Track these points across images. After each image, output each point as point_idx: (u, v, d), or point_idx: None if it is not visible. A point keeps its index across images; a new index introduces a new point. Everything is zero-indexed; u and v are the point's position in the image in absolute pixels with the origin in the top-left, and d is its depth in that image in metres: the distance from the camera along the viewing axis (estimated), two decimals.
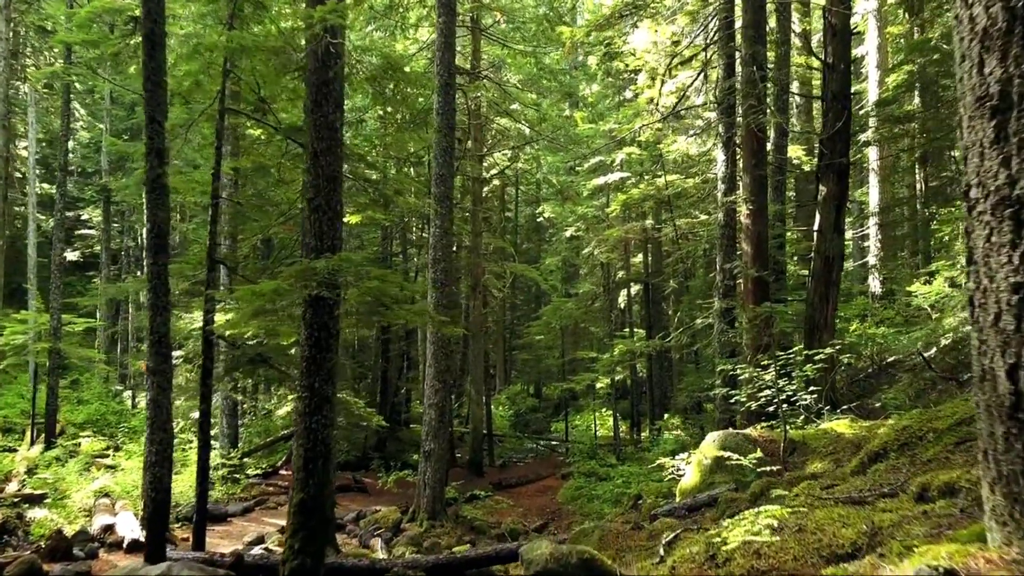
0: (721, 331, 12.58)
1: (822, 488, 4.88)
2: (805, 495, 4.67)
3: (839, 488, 4.64)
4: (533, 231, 45.07)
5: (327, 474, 6.67)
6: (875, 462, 5.42)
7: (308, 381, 6.68)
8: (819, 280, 12.02)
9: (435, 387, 13.94)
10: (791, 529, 3.67)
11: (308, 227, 6.85)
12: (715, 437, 8.50)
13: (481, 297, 21.75)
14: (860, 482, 4.69)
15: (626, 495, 15.63)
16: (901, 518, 3.14)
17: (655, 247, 25.44)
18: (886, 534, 3.01)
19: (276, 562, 7.48)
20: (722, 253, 12.97)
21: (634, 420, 26.79)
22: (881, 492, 4.09)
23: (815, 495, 4.61)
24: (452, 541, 13.21)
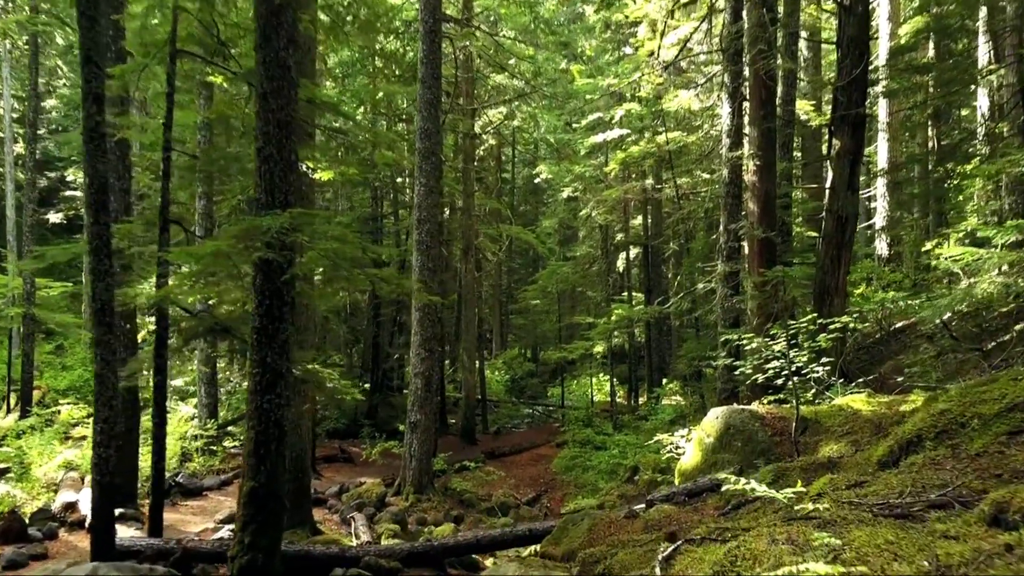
0: (724, 296, 11.78)
1: (848, 486, 4.11)
2: (830, 498, 3.90)
3: (871, 489, 3.87)
4: (531, 193, 44.09)
5: (281, 459, 5.93)
6: (908, 453, 4.65)
7: (260, 355, 5.89)
8: (830, 241, 11.18)
9: (421, 355, 13.20)
10: (818, 552, 2.91)
11: (258, 180, 6.00)
12: (718, 413, 7.76)
13: (474, 260, 20.91)
14: (896, 480, 3.91)
15: (622, 466, 15.01)
16: (975, 553, 2.37)
17: (655, 208, 24.52)
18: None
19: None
20: (726, 213, 12.10)
21: (632, 385, 26.17)
22: (929, 501, 3.32)
23: (842, 497, 3.84)
24: (439, 516, 12.60)
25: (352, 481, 14.80)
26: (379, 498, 12.72)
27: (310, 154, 9.49)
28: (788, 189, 15.49)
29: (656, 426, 15.52)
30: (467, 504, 13.72)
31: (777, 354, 7.52)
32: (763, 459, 7.12)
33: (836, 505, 3.66)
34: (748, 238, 11.56)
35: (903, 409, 6.82)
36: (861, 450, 6.03)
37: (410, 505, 12.84)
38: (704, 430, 7.81)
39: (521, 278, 38.98)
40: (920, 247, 20.25)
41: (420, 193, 13.25)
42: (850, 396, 7.80)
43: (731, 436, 7.42)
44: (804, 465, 5.84)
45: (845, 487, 4.12)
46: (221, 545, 7.07)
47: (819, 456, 6.45)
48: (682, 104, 17.51)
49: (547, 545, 6.63)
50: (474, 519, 12.95)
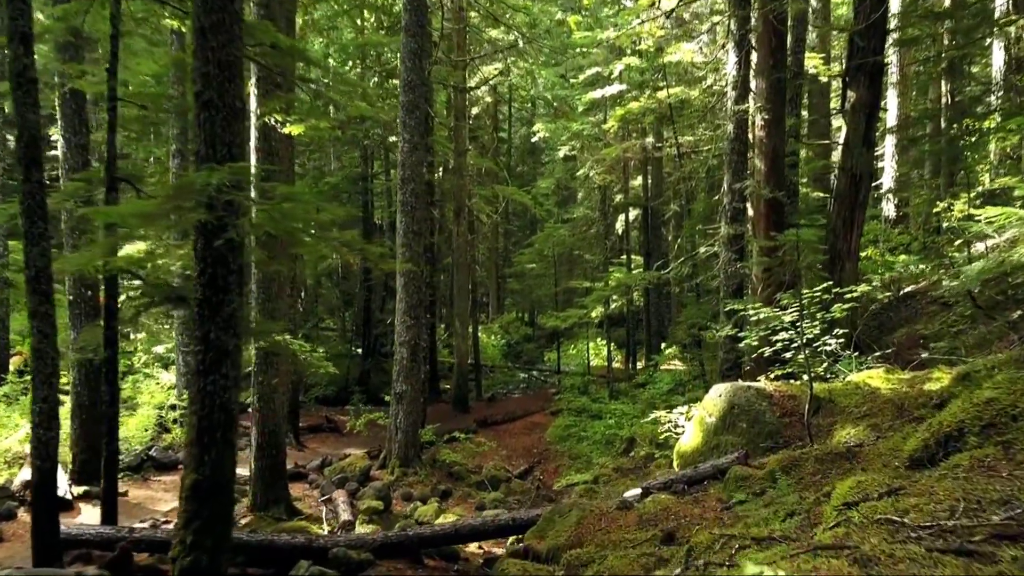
0: (728, 261, 11.03)
1: (881, 494, 3.42)
2: (860, 512, 3.21)
3: (912, 501, 3.17)
4: (528, 153, 43.03)
5: (230, 448, 5.25)
6: (948, 449, 3.97)
7: (202, 330, 5.17)
8: (843, 202, 10.41)
9: (406, 323, 12.50)
10: None
11: (197, 130, 5.22)
12: (721, 391, 7.07)
13: (466, 223, 20.10)
14: (941, 489, 3.22)
15: (618, 437, 14.44)
16: None
17: (656, 168, 23.63)
18: None
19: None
20: (731, 171, 11.28)
21: (629, 350, 25.57)
22: (993, 526, 2.62)
23: (876, 511, 3.15)
24: (426, 490, 12.04)
25: (337, 453, 14.23)
26: (363, 472, 12.13)
27: (278, 106, 8.65)
28: (795, 147, 14.64)
29: (654, 395, 14.91)
30: (456, 477, 13.15)
31: (786, 325, 6.82)
32: (770, 442, 6.46)
33: (871, 527, 2.97)
34: (754, 198, 10.77)
35: (928, 388, 6.14)
36: (884, 437, 5.35)
37: (396, 479, 12.27)
38: (705, 409, 7.14)
39: (519, 240, 38.14)
40: (931, 209, 19.46)
41: (404, 150, 12.41)
42: (866, 372, 7.12)
43: (735, 416, 6.75)
44: (820, 454, 5.17)
45: (877, 495, 3.43)
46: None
47: (835, 442, 5.78)
48: (684, 57, 16.55)
49: (532, 538, 6.00)
50: (463, 493, 12.39)
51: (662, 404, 14.38)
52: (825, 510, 3.70)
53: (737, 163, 11.16)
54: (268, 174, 9.40)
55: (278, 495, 9.68)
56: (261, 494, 9.59)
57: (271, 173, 9.43)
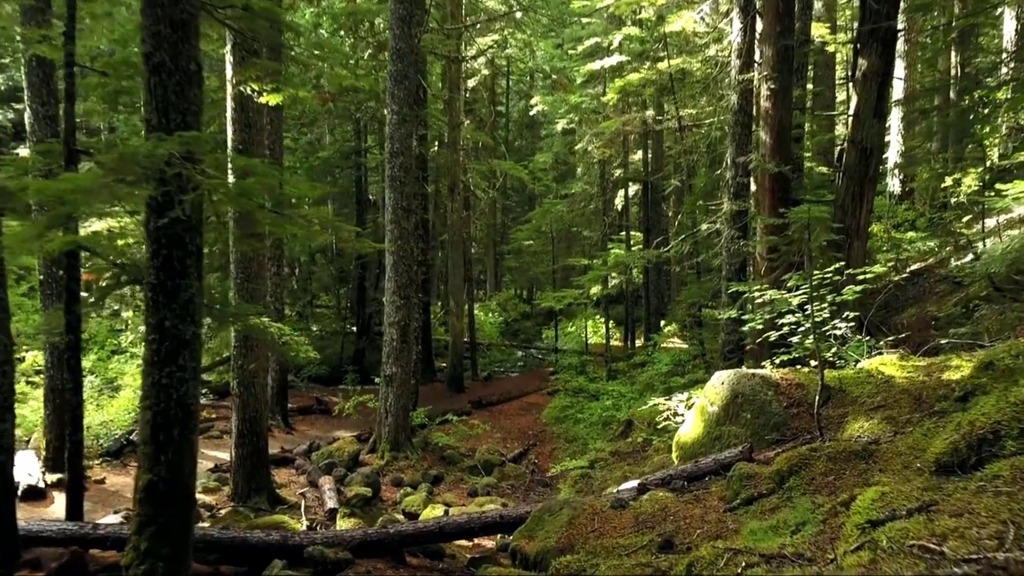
0: (730, 239, 10.55)
1: (911, 510, 2.98)
2: (889, 537, 2.77)
3: (951, 523, 2.73)
4: (526, 127, 42.37)
5: (188, 446, 4.81)
6: (981, 455, 3.52)
7: (156, 318, 4.71)
8: (852, 176, 9.91)
9: (396, 303, 12.05)
10: None
11: (147, 96, 4.71)
12: (724, 378, 6.63)
13: (461, 198, 19.56)
14: (982, 507, 2.77)
15: (616, 419, 14.06)
16: None
17: (656, 142, 23.03)
18: None
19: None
20: (734, 144, 10.75)
21: (628, 327, 25.18)
22: None
23: (908, 538, 2.71)
24: (416, 476, 11.68)
25: (326, 436, 13.86)
26: (352, 456, 11.75)
27: (253, 74, 8.11)
28: (800, 119, 14.08)
29: (652, 376, 14.51)
30: (448, 461, 12.79)
31: (794, 308, 6.37)
32: (776, 435, 6.03)
33: (903, 556, 2.53)
34: (759, 173, 10.26)
35: (948, 377, 5.69)
36: (902, 433, 4.92)
37: (385, 464, 11.90)
38: (707, 397, 6.70)
39: (517, 216, 37.57)
40: (939, 184, 18.92)
41: (393, 122, 11.86)
42: (879, 358, 6.67)
43: (739, 406, 6.31)
44: (832, 452, 4.73)
45: (906, 511, 2.99)
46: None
47: (848, 436, 5.35)
48: (686, 26, 15.90)
49: (520, 538, 5.59)
50: (455, 478, 12.04)
51: (661, 385, 14.00)
52: (845, 525, 3.26)
53: (741, 136, 10.63)
54: (245, 147, 8.90)
55: (260, 483, 9.29)
56: (242, 483, 9.20)
57: (248, 146, 8.93)
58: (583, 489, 10.87)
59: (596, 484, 10.67)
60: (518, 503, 10.80)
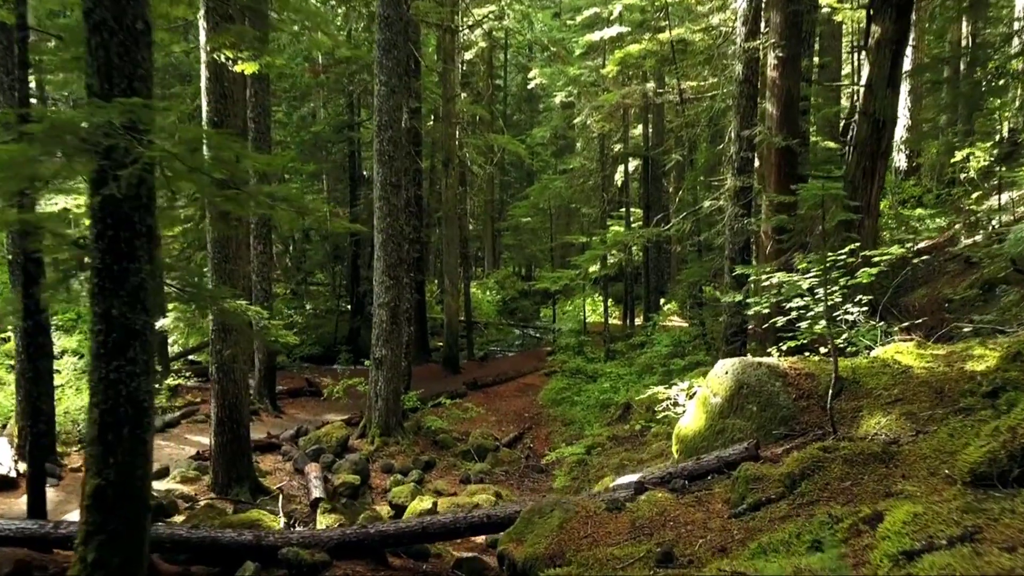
0: (734, 216, 10.05)
1: (952, 540, 2.55)
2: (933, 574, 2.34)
3: (1002, 561, 2.30)
4: (525, 101, 41.63)
5: (142, 446, 4.38)
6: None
7: (103, 306, 4.25)
8: (863, 150, 9.40)
9: (386, 284, 11.59)
10: None
11: (88, 58, 4.21)
12: (728, 367, 6.19)
13: (456, 174, 19.01)
14: None
15: (613, 403, 13.67)
16: None
17: (656, 115, 22.44)
18: None
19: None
20: (739, 117, 10.20)
21: (627, 305, 24.77)
22: None
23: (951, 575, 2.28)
24: (407, 462, 11.30)
25: (316, 420, 13.47)
26: (340, 442, 11.36)
27: (227, 41, 7.58)
28: (806, 91, 13.51)
29: (652, 358, 14.10)
30: (441, 446, 12.41)
31: (803, 291, 5.91)
32: (784, 429, 5.61)
33: None
34: (765, 147, 9.75)
35: (971, 368, 5.25)
36: (924, 432, 4.48)
37: (376, 449, 11.52)
38: (710, 387, 6.27)
39: (516, 192, 36.97)
40: (948, 159, 18.37)
41: (381, 94, 11.31)
42: (894, 345, 6.22)
43: (744, 397, 5.88)
44: (849, 454, 4.30)
45: (947, 540, 2.56)
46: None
47: (863, 433, 4.92)
48: None
49: (508, 541, 5.18)
50: (447, 464, 11.67)
51: (660, 368, 13.60)
52: (872, 552, 2.83)
53: (746, 108, 10.09)
54: (221, 119, 8.39)
55: (241, 473, 8.90)
56: (222, 473, 8.80)
57: (224, 118, 8.41)
58: (579, 476, 10.51)
59: (592, 472, 10.30)
60: (511, 491, 10.44)
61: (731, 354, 10.08)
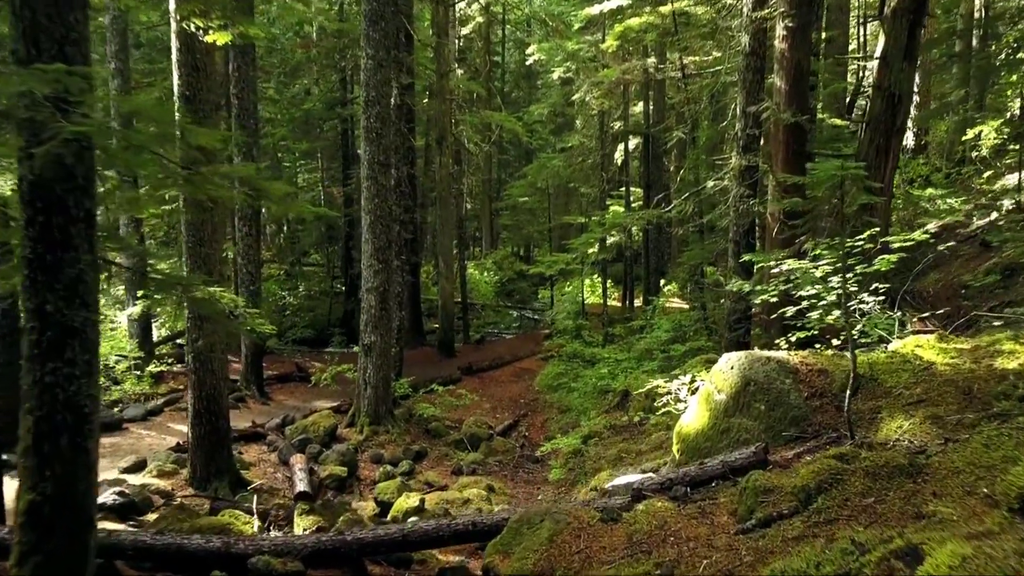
0: (739, 197, 9.55)
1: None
2: None
3: None
4: (523, 78, 40.90)
5: (83, 455, 3.93)
6: None
7: (35, 301, 3.78)
8: (877, 127, 8.89)
9: (374, 267, 11.12)
10: None
11: (12, 20, 3.71)
12: (733, 361, 5.74)
13: (451, 152, 18.44)
14: None
15: (612, 389, 13.25)
16: None
17: (657, 92, 21.81)
18: None
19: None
20: (745, 92, 9.66)
21: (627, 286, 24.32)
22: None
23: None
24: (397, 451, 10.90)
25: (305, 407, 13.06)
26: (328, 431, 10.96)
27: (196, 8, 7.04)
28: (815, 65, 12.93)
29: (651, 344, 13.65)
30: (433, 435, 12.01)
31: (816, 279, 5.45)
32: (795, 431, 5.16)
33: None
34: (772, 123, 9.22)
35: (1001, 365, 4.81)
36: (955, 440, 4.03)
37: (365, 439, 11.12)
38: (714, 383, 5.82)
39: (516, 171, 36.33)
40: (959, 137, 17.83)
41: (368, 67, 10.76)
42: (913, 338, 5.77)
43: (751, 395, 5.43)
44: (871, 467, 3.85)
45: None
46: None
47: (884, 439, 4.47)
48: None
49: (494, 553, 4.76)
50: (439, 454, 11.27)
51: (660, 353, 13.16)
52: None
53: (752, 82, 9.54)
54: (193, 94, 7.87)
55: (221, 467, 8.49)
56: (201, 467, 8.39)
57: (197, 93, 7.89)
58: (575, 468, 10.10)
59: (589, 463, 9.90)
60: (505, 483, 10.04)
61: (734, 341, 9.65)
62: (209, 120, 8.00)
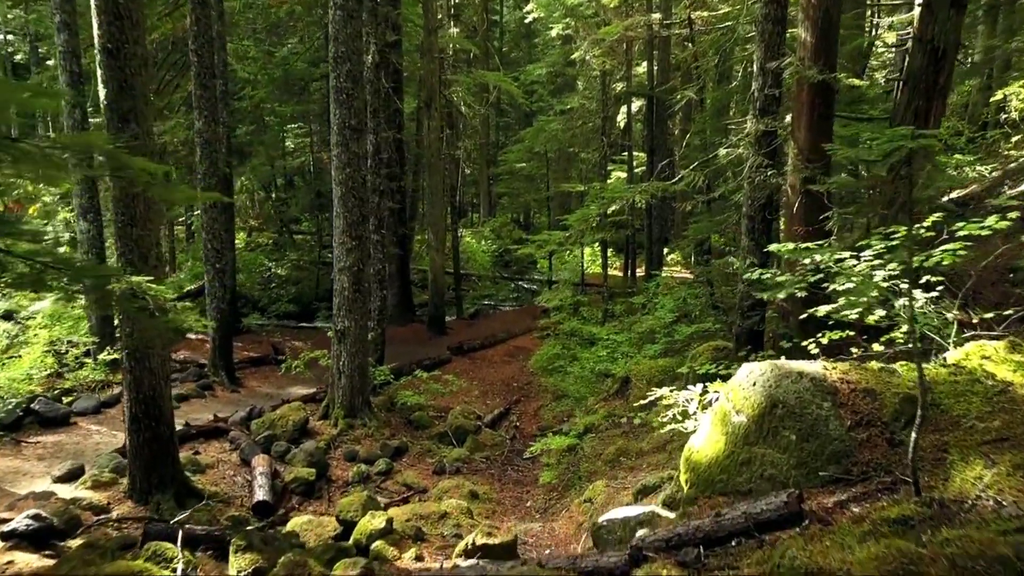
0: (756, 167, 8.38)
1: None
2: None
3: None
4: (522, 37, 39.28)
5: None
6: None
7: None
8: (916, 86, 7.68)
9: (346, 245, 10.01)
10: None
11: None
12: (756, 376, 4.66)
13: (439, 115, 17.16)
14: None
15: (611, 374, 12.23)
16: None
17: (662, 51, 20.40)
18: None
19: None
20: (763, 46, 8.42)
21: (629, 257, 23.18)
22: None
23: None
24: (374, 447, 9.94)
25: (278, 395, 12.08)
26: (299, 425, 9.97)
27: None
28: None
29: (653, 327, 12.58)
30: (416, 426, 11.04)
31: (855, 273, 4.36)
32: (836, 469, 4.11)
33: None
34: (796, 82, 8.02)
35: None
36: None
37: (339, 433, 10.14)
38: (731, 400, 4.75)
39: (517, 135, 34.95)
40: (986, 98, 16.56)
41: (336, 19, 9.53)
42: (976, 346, 4.67)
43: (778, 420, 4.37)
44: (958, 554, 2.79)
45: None
46: None
47: (957, 494, 3.40)
48: None
49: None
50: (420, 449, 10.28)
51: (663, 337, 12.09)
52: None
53: (772, 34, 8.29)
54: (116, 47, 6.69)
55: (165, 477, 7.49)
56: (141, 477, 7.39)
57: (121, 45, 6.71)
58: (569, 468, 9.11)
59: (584, 465, 8.90)
60: (491, 486, 9.07)
61: (747, 330, 8.56)
62: (138, 78, 6.83)
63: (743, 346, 8.35)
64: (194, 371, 12.48)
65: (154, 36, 16.48)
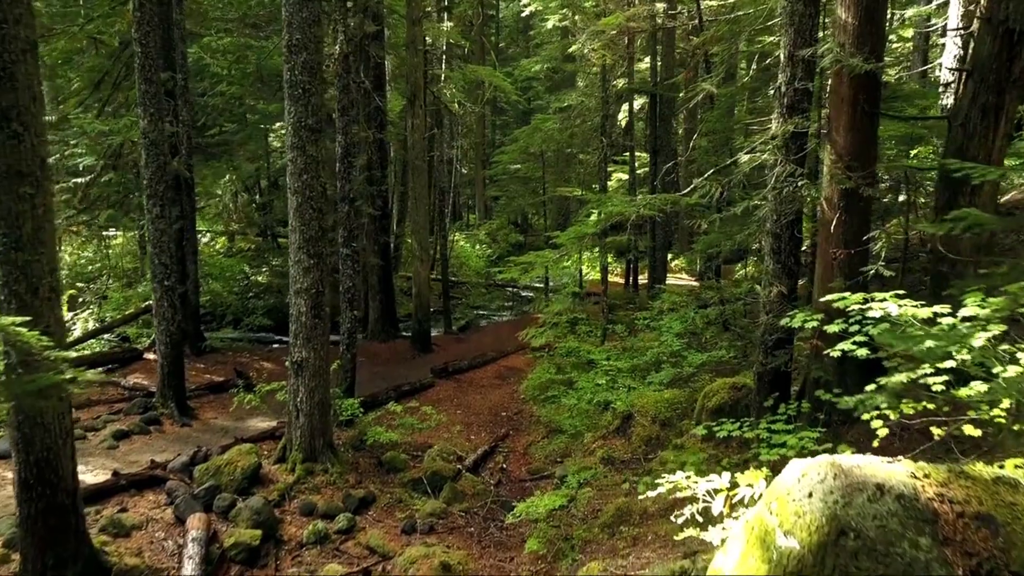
0: (783, 176, 7.00)
1: None
2: None
3: None
4: (520, 32, 37.98)
5: None
6: None
7: None
8: (984, 78, 6.32)
9: (303, 263, 8.64)
10: None
11: None
12: (811, 481, 3.29)
13: (424, 113, 15.78)
14: None
15: (611, 406, 10.86)
16: None
17: (666, 44, 19.06)
18: None
19: None
20: (793, 30, 7.03)
21: (631, 267, 21.82)
22: None
23: None
24: (336, 499, 8.58)
25: (235, 428, 10.72)
26: (248, 472, 8.58)
27: None
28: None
29: (659, 353, 11.19)
30: (388, 469, 9.67)
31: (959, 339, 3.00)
32: None
33: None
34: (834, 73, 6.65)
35: None
36: None
37: (296, 480, 8.77)
38: (776, 513, 3.37)
39: (513, 134, 33.59)
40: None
41: (290, 2, 8.15)
42: None
43: (851, 557, 3.00)
44: None
45: None
46: None
47: None
48: None
49: None
50: (389, 499, 8.91)
51: (670, 366, 10.71)
52: None
53: (804, 16, 6.90)
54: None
55: (66, 553, 6.13)
56: (35, 554, 6.02)
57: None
58: (559, 533, 7.71)
59: (578, 530, 7.52)
60: (468, 552, 7.70)
61: (772, 371, 7.17)
62: (20, 65, 5.47)
63: (768, 391, 6.96)
64: (140, 402, 11.09)
65: (117, 27, 15.19)
